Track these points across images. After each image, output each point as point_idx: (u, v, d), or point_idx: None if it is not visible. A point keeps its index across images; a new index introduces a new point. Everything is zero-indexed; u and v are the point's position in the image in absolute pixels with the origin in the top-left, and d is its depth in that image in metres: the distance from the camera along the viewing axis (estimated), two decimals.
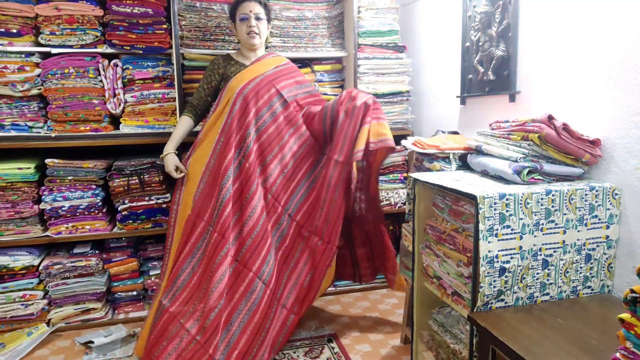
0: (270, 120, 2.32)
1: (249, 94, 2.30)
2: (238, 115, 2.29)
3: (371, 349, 2.36)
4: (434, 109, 3.05)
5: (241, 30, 2.40)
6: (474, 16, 2.44)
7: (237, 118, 2.29)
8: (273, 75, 2.37)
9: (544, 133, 1.63)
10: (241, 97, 2.30)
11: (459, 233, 1.72)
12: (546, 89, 1.99)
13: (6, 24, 2.45)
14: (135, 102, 2.65)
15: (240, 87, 2.32)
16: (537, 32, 2.03)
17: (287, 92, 2.38)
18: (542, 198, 1.54)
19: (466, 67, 2.57)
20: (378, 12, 2.96)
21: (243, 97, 2.30)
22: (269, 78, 2.36)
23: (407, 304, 2.39)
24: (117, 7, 2.52)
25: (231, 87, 2.35)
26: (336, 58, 3.04)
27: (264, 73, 2.37)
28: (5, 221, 2.49)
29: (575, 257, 1.61)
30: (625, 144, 1.61)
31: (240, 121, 2.29)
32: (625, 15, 1.59)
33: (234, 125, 2.28)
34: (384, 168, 2.99)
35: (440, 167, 2.05)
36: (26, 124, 2.55)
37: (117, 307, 2.75)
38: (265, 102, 2.32)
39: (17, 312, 2.50)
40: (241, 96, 2.30)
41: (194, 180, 2.30)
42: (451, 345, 1.82)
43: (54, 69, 2.51)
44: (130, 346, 2.39)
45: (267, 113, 2.32)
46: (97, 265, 2.60)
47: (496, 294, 1.53)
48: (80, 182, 2.57)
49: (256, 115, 2.30)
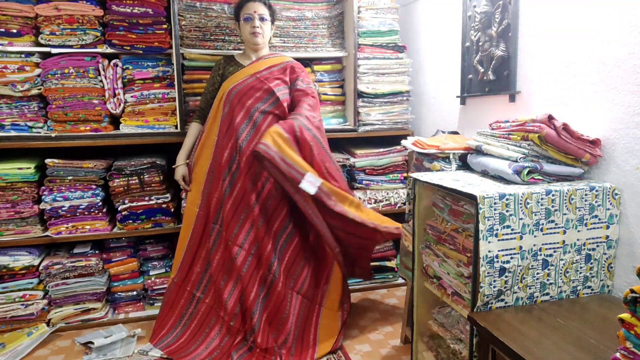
0: (261, 119, 2.33)
1: (237, 95, 2.32)
2: (229, 117, 2.33)
3: (371, 349, 2.36)
4: (434, 109, 3.06)
5: (245, 30, 2.40)
6: (474, 16, 2.44)
7: (228, 119, 2.33)
8: (265, 75, 2.37)
9: (544, 133, 1.63)
10: (230, 97, 2.32)
11: (459, 233, 1.72)
12: (546, 89, 1.99)
13: (6, 24, 2.45)
14: (135, 102, 2.66)
15: (230, 88, 2.34)
16: (537, 32, 2.03)
17: (278, 91, 2.38)
18: (542, 198, 1.54)
19: (466, 67, 2.57)
20: (378, 12, 2.96)
21: (231, 97, 2.32)
22: (261, 78, 2.35)
23: (407, 304, 2.39)
24: (117, 7, 2.52)
25: (223, 88, 2.39)
26: (336, 58, 3.04)
27: (256, 73, 2.36)
28: (5, 221, 2.49)
29: (575, 257, 1.61)
30: (625, 144, 1.61)
31: (231, 122, 2.32)
32: (625, 16, 1.59)
33: (225, 126, 2.33)
34: (384, 168, 2.99)
35: (440, 167, 2.05)
36: (26, 124, 2.55)
37: (117, 307, 2.75)
38: (256, 100, 2.32)
39: (17, 312, 2.50)
40: (230, 97, 2.32)
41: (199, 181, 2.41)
42: (451, 345, 1.82)
43: (54, 69, 2.51)
44: (131, 346, 2.39)
45: (257, 112, 2.33)
46: (97, 265, 2.60)
47: (496, 294, 1.53)
48: (80, 182, 2.57)
49: (247, 115, 2.31)
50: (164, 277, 2.77)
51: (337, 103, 3.04)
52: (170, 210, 2.69)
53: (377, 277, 3.12)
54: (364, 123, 2.96)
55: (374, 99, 2.96)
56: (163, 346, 2.28)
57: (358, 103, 2.93)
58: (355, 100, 2.92)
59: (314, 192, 2.13)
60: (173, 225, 2.72)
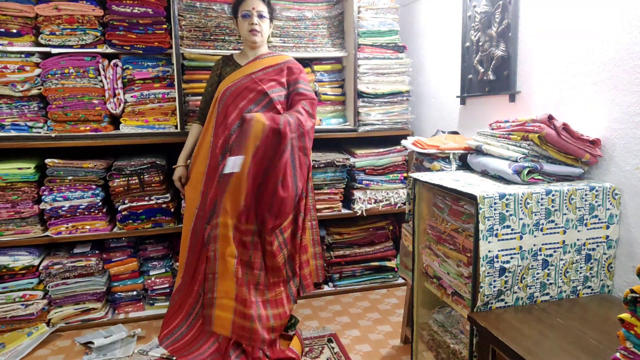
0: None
1: (231, 95, 2.30)
2: (222, 117, 2.31)
3: (371, 349, 2.36)
4: (434, 109, 3.06)
5: (243, 27, 2.38)
6: (474, 16, 2.44)
7: (221, 120, 2.31)
8: (260, 76, 2.35)
9: (544, 133, 1.63)
10: (224, 98, 2.31)
11: (459, 233, 1.72)
12: (546, 89, 1.99)
13: (6, 24, 2.45)
14: (135, 102, 2.66)
15: (224, 88, 2.33)
16: (537, 32, 2.03)
17: (272, 93, 2.36)
18: (542, 198, 1.54)
19: (466, 67, 2.57)
20: (378, 12, 2.96)
21: (225, 98, 2.31)
22: (255, 79, 2.33)
23: (407, 304, 2.39)
24: (117, 7, 2.52)
25: (219, 89, 2.37)
26: (336, 58, 3.04)
27: (251, 74, 2.35)
28: (5, 221, 2.49)
29: (575, 257, 1.61)
30: (625, 144, 1.61)
31: (224, 122, 2.30)
32: (625, 15, 1.59)
33: (219, 127, 2.31)
34: (384, 168, 2.99)
35: (440, 167, 2.05)
36: (26, 124, 2.55)
37: (117, 307, 2.75)
38: (249, 102, 2.30)
39: (17, 312, 2.50)
40: (224, 97, 2.31)
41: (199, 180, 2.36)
42: (451, 345, 1.82)
43: (54, 69, 2.51)
44: (131, 346, 2.39)
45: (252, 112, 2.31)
46: (97, 265, 2.60)
47: (496, 294, 1.53)
48: (80, 182, 2.57)
49: (239, 116, 2.29)
50: (163, 277, 2.77)
51: (337, 103, 3.04)
52: (170, 210, 2.69)
53: (377, 277, 3.12)
54: (364, 123, 2.96)
55: (374, 99, 2.96)
56: (168, 344, 2.28)
57: (358, 103, 2.93)
58: (355, 100, 2.92)
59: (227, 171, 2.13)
60: (173, 225, 2.72)
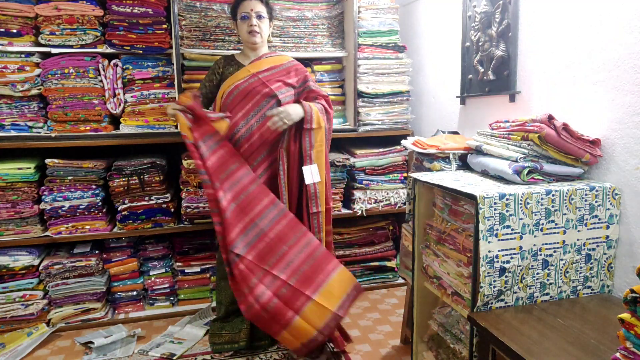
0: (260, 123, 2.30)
1: (240, 94, 2.30)
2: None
3: (371, 349, 2.36)
4: (434, 109, 3.06)
5: (242, 28, 2.38)
6: (474, 16, 2.44)
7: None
8: (267, 77, 2.35)
9: (544, 133, 1.63)
10: (231, 96, 2.31)
11: (459, 233, 1.72)
12: (546, 89, 1.99)
13: (6, 24, 2.45)
14: (135, 102, 2.66)
15: (232, 87, 2.32)
16: (537, 32, 2.03)
17: (280, 94, 2.36)
18: (542, 198, 1.54)
19: (466, 67, 2.57)
20: (378, 12, 2.96)
21: (233, 97, 2.30)
22: (262, 79, 2.34)
23: (407, 304, 2.39)
24: (117, 7, 2.52)
25: (224, 87, 2.37)
26: (336, 58, 3.04)
27: (258, 73, 2.35)
28: (5, 221, 2.49)
29: (575, 257, 1.61)
30: (625, 144, 1.61)
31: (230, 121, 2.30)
32: (625, 16, 1.59)
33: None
34: (384, 168, 2.99)
35: (440, 167, 2.05)
36: (26, 124, 2.55)
37: (117, 307, 2.75)
38: (257, 103, 2.31)
39: (17, 312, 2.50)
40: (232, 96, 2.31)
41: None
42: (451, 345, 1.82)
43: (54, 69, 2.51)
44: (130, 346, 2.39)
45: (257, 115, 2.30)
46: (97, 265, 2.60)
47: (496, 294, 1.53)
48: (80, 182, 2.57)
49: (245, 116, 2.30)
50: (163, 277, 2.77)
51: (337, 103, 3.04)
52: (170, 210, 2.69)
53: (377, 277, 3.12)
54: (364, 123, 2.96)
55: (374, 99, 2.96)
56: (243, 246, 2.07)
57: (358, 103, 2.93)
58: (355, 100, 2.92)
59: (308, 182, 2.26)
60: (173, 225, 2.72)
